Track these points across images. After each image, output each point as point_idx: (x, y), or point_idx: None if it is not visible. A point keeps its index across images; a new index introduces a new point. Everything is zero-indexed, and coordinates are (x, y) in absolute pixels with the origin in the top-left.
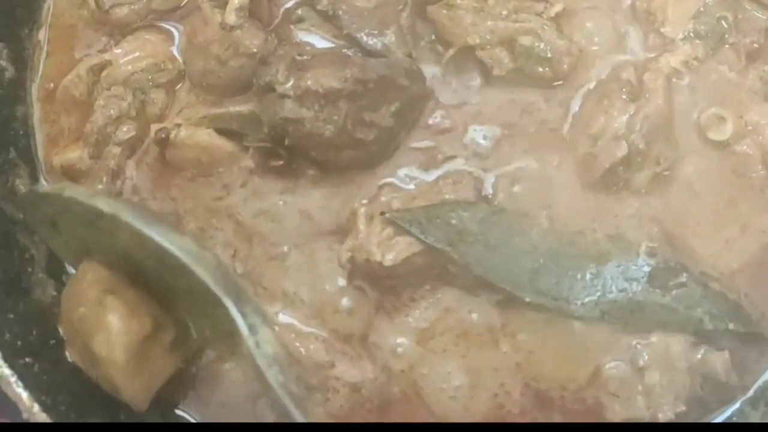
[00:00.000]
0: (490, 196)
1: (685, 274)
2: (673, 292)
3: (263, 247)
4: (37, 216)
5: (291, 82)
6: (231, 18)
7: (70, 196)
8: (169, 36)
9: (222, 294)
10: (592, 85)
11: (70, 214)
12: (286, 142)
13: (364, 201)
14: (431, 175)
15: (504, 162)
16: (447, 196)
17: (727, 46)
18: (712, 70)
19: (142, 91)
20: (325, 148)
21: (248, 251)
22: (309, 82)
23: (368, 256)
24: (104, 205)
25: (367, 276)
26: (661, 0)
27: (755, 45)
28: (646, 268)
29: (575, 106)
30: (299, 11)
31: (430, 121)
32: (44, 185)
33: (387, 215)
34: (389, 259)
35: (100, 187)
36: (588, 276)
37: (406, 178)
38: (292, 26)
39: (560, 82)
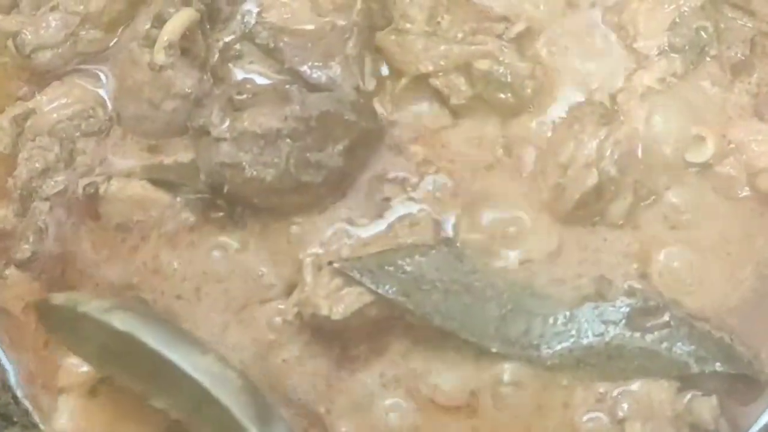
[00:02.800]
0: (450, 239)
1: (667, 314)
2: (655, 333)
3: (208, 308)
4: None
5: (226, 124)
6: (160, 57)
7: (83, 311)
8: (98, 80)
9: (247, 422)
10: (561, 110)
11: (86, 329)
12: (225, 190)
13: (313, 250)
14: (386, 219)
15: (465, 200)
16: (403, 241)
17: (708, 59)
18: (693, 86)
19: (70, 140)
20: (267, 194)
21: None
22: (246, 123)
23: (315, 310)
24: (119, 322)
25: (318, 332)
26: (632, 12)
27: (740, 56)
28: (625, 309)
29: (543, 134)
30: (238, 46)
31: (384, 159)
32: (56, 296)
33: (335, 265)
34: (338, 312)
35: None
36: (560, 320)
37: (358, 222)
38: (230, 64)
39: (525, 108)
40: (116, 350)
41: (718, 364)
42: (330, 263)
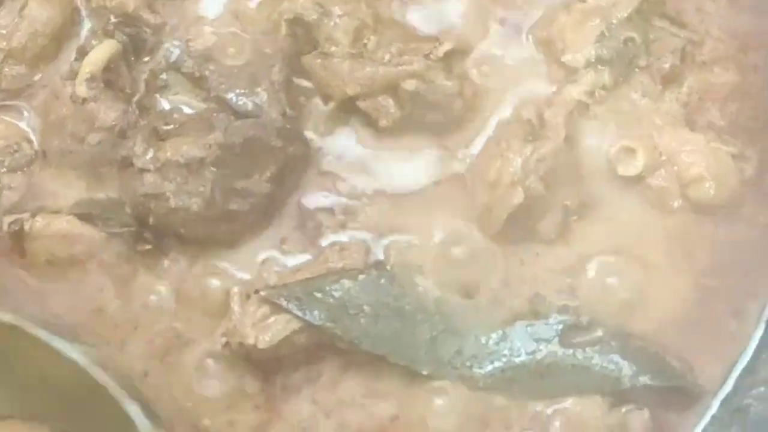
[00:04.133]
0: (381, 262)
1: (600, 330)
2: (587, 349)
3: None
4: None
5: (150, 155)
6: (82, 90)
7: None
8: (22, 115)
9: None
10: (490, 129)
11: None
12: (151, 221)
13: (241, 279)
14: (316, 244)
15: (397, 223)
16: (333, 266)
17: (638, 70)
18: (623, 98)
19: None
20: (194, 224)
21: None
22: (168, 153)
23: (242, 339)
24: None
25: (248, 362)
26: (560, 25)
27: (670, 67)
28: (557, 327)
29: (474, 153)
30: (163, 76)
31: (314, 184)
32: None
33: (261, 293)
34: (265, 340)
35: None
36: (493, 340)
37: (288, 249)
38: (156, 94)
39: (456, 128)
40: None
41: (649, 377)
42: (256, 291)
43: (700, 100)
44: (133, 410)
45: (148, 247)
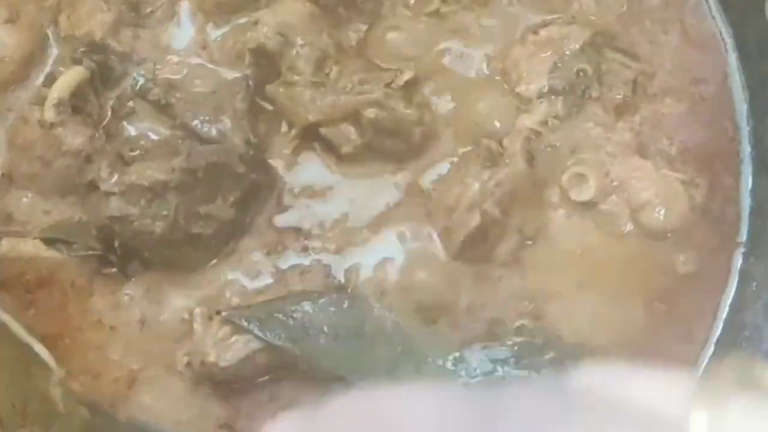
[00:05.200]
0: (342, 285)
1: (553, 351)
2: (542, 370)
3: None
4: None
5: (114, 178)
6: (49, 115)
7: None
8: None
9: None
10: (452, 155)
11: None
12: (116, 244)
13: (204, 299)
14: (278, 267)
15: (359, 247)
16: (294, 288)
17: (590, 100)
18: (576, 127)
19: None
20: (159, 247)
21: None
22: (133, 177)
23: (203, 358)
24: None
25: (211, 382)
26: (514, 57)
27: (622, 97)
28: (514, 348)
29: (434, 179)
30: (130, 104)
31: (278, 209)
32: None
33: (223, 314)
34: (226, 359)
35: None
36: (450, 361)
37: (250, 272)
38: (123, 121)
39: (416, 154)
40: None
41: None
42: (218, 312)
43: (652, 130)
44: None
45: (113, 270)
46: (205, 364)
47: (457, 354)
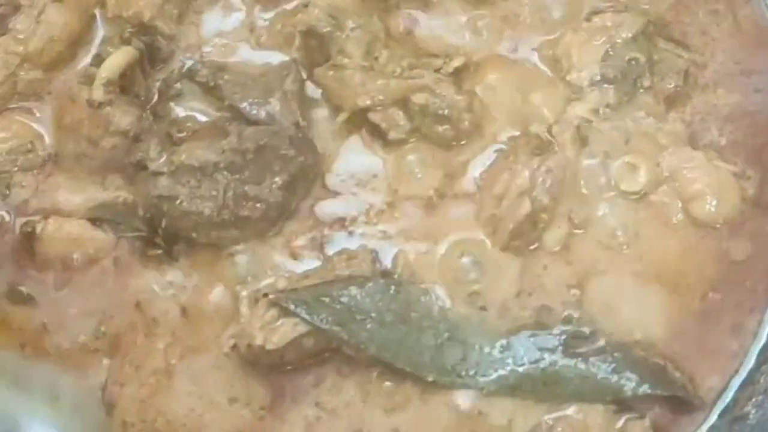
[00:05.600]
0: (388, 270)
1: (603, 340)
2: (590, 359)
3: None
4: None
5: (164, 158)
6: (98, 94)
7: None
8: (38, 117)
9: None
10: (500, 143)
11: None
12: (164, 224)
13: (251, 283)
14: (324, 252)
15: (406, 233)
16: (341, 273)
17: (642, 90)
18: (627, 116)
19: (7, 174)
20: (206, 228)
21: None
22: (183, 157)
23: (250, 341)
24: None
25: (256, 364)
26: (566, 44)
27: (674, 88)
28: (561, 336)
29: (483, 166)
30: (178, 85)
31: (324, 193)
32: None
33: (270, 297)
34: (273, 342)
35: None
36: (497, 349)
37: (297, 256)
38: (171, 102)
39: (464, 142)
40: None
41: (650, 386)
42: (265, 295)
43: (703, 120)
44: None
45: (159, 252)
46: (252, 347)
47: (504, 341)
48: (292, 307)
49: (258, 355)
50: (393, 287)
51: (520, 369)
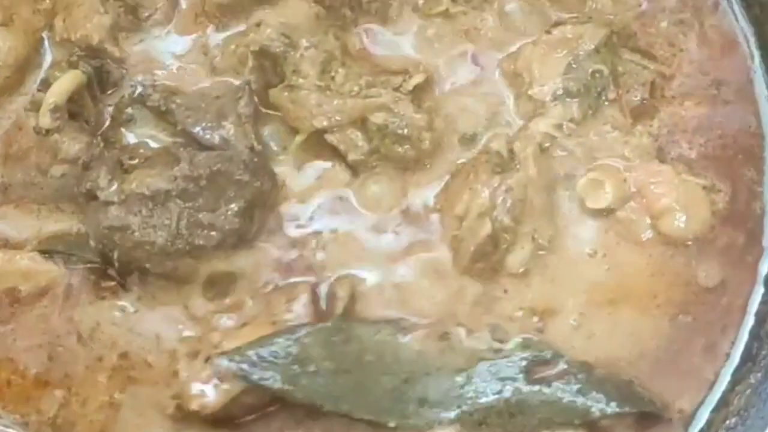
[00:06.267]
0: (340, 315)
1: (563, 362)
2: (553, 384)
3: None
4: None
5: (114, 187)
6: (45, 121)
7: None
8: None
9: None
10: (460, 161)
11: None
12: (116, 256)
13: (188, 333)
14: (265, 291)
15: (361, 261)
16: (283, 317)
17: (606, 103)
18: (592, 130)
19: None
20: (160, 258)
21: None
22: (134, 185)
23: (189, 402)
24: None
25: (203, 423)
26: (526, 58)
27: (640, 100)
28: (522, 363)
29: (443, 186)
30: (129, 110)
31: (278, 221)
32: None
33: (214, 360)
34: (210, 402)
35: None
36: (458, 384)
37: (239, 300)
38: (122, 128)
39: (425, 161)
40: None
41: (617, 404)
42: (208, 359)
43: (670, 133)
44: None
45: (112, 283)
46: (192, 407)
47: (463, 375)
48: (234, 368)
49: (200, 414)
50: (342, 331)
51: (483, 401)
